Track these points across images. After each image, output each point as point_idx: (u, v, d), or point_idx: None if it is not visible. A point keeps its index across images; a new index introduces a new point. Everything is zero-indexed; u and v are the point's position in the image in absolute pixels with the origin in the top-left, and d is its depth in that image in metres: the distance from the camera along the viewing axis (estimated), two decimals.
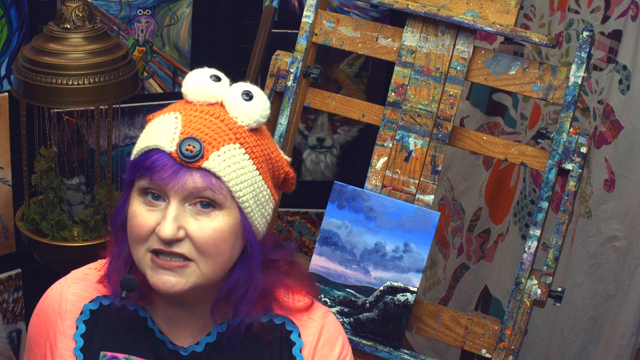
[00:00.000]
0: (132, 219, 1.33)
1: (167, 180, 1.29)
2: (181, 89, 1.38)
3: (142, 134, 1.36)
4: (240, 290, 1.38)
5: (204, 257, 1.32)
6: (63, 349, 1.42)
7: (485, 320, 1.96)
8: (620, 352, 2.48)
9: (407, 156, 2.02)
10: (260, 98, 1.37)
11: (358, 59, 3.15)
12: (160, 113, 1.37)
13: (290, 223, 3.32)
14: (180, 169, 1.29)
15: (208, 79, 1.36)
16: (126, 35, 2.88)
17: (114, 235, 1.42)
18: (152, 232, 1.31)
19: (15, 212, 2.78)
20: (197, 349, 1.42)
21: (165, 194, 1.31)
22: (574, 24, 2.66)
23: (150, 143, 1.32)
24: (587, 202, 2.58)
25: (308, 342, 1.46)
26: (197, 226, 1.31)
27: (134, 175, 1.33)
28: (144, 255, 1.33)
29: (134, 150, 1.36)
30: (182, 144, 1.29)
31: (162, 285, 1.32)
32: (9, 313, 2.92)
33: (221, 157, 1.31)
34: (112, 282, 1.41)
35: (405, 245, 1.97)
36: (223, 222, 1.32)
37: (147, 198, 1.32)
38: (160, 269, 1.32)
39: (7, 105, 2.71)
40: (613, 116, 2.47)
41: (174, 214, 1.30)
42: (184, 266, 1.32)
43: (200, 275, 1.33)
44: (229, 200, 1.32)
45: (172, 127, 1.32)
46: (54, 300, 1.46)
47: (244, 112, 1.35)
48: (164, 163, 1.29)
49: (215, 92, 1.35)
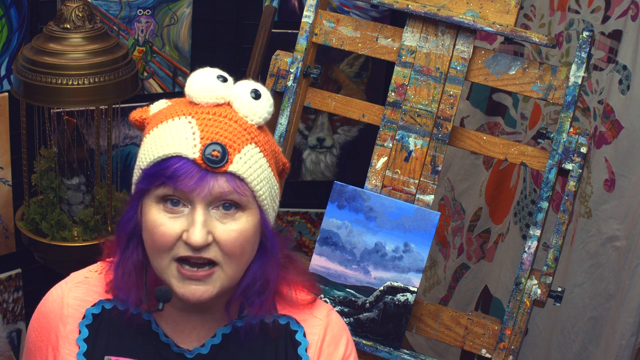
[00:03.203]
0: (153, 228, 1.31)
1: (193, 187, 1.28)
2: (185, 89, 1.36)
3: (151, 140, 1.34)
4: (256, 285, 1.38)
5: (230, 259, 1.32)
6: (66, 354, 1.41)
7: (485, 320, 1.96)
8: (620, 352, 2.48)
9: (407, 156, 2.02)
10: (266, 95, 1.37)
11: (358, 59, 3.15)
12: (164, 117, 1.35)
13: (290, 223, 3.32)
14: (205, 175, 1.28)
15: (215, 79, 1.34)
16: (126, 35, 2.88)
17: (119, 242, 1.40)
18: (178, 240, 1.30)
19: (15, 212, 2.78)
20: (202, 351, 1.42)
21: (189, 200, 1.29)
22: (574, 24, 2.65)
23: (169, 151, 1.30)
24: (587, 202, 2.58)
25: (313, 342, 1.46)
26: (224, 229, 1.30)
27: (152, 184, 1.31)
28: (168, 265, 1.32)
29: (146, 158, 1.33)
30: (206, 150, 1.28)
31: (191, 296, 1.32)
32: (9, 313, 2.92)
33: (243, 159, 1.30)
34: (122, 290, 1.39)
35: (405, 245, 1.97)
36: (247, 222, 1.32)
37: (167, 205, 1.30)
38: (187, 279, 1.31)
39: (7, 105, 2.71)
40: (613, 116, 2.47)
41: (202, 219, 1.29)
42: (210, 274, 1.32)
43: (225, 278, 1.33)
44: (251, 201, 1.32)
45: (190, 132, 1.30)
46: (54, 305, 1.44)
47: (254, 111, 1.35)
48: (188, 170, 1.28)
49: (224, 93, 1.34)
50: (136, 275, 1.38)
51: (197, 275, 1.31)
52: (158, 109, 1.40)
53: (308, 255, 2.11)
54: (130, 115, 1.41)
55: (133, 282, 1.38)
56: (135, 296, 1.39)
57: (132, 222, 1.37)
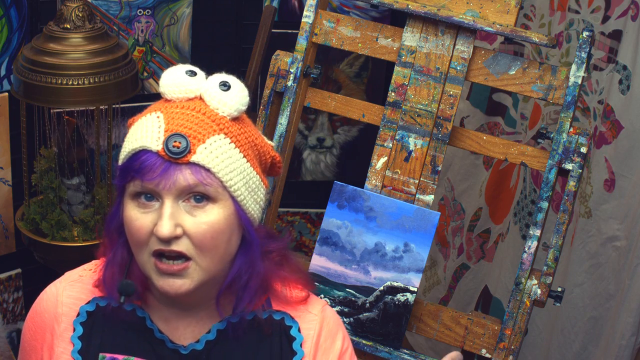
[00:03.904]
0: (129, 224, 1.33)
1: (158, 180, 1.29)
2: (159, 87, 1.37)
3: (127, 138, 1.36)
4: (242, 279, 1.39)
5: (202, 252, 1.32)
6: (61, 352, 1.42)
7: (485, 320, 1.96)
8: (620, 352, 2.48)
9: (407, 156, 2.02)
10: (238, 86, 1.38)
11: (358, 59, 3.15)
12: (141, 115, 1.37)
13: (290, 223, 3.32)
14: (169, 167, 1.29)
15: (184, 74, 1.36)
16: (126, 35, 2.88)
17: (108, 239, 1.42)
18: (151, 234, 1.31)
19: (15, 212, 2.78)
20: (197, 347, 1.42)
21: (158, 193, 1.31)
22: (574, 24, 2.65)
23: (136, 145, 1.32)
24: (587, 202, 2.58)
25: (309, 337, 1.46)
26: (193, 222, 1.31)
27: (125, 179, 1.33)
28: (147, 260, 1.33)
29: (121, 155, 1.36)
30: (167, 141, 1.29)
31: (169, 289, 1.33)
32: (9, 313, 2.92)
33: (208, 149, 1.31)
34: (108, 286, 1.41)
35: (405, 245, 1.97)
36: (218, 214, 1.32)
37: (141, 200, 1.32)
38: (165, 274, 1.33)
39: (7, 105, 2.71)
40: (613, 116, 2.47)
41: (170, 211, 1.30)
42: (185, 267, 1.32)
43: (201, 271, 1.34)
44: (221, 192, 1.32)
45: (156, 126, 1.32)
46: (49, 304, 1.45)
47: (224, 102, 1.35)
48: (152, 163, 1.30)
49: (193, 87, 1.35)
50: (120, 272, 1.40)
51: (172, 269, 1.32)
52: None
53: (308, 255, 2.11)
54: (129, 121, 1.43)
55: (117, 278, 1.39)
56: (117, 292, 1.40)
57: (116, 219, 1.39)
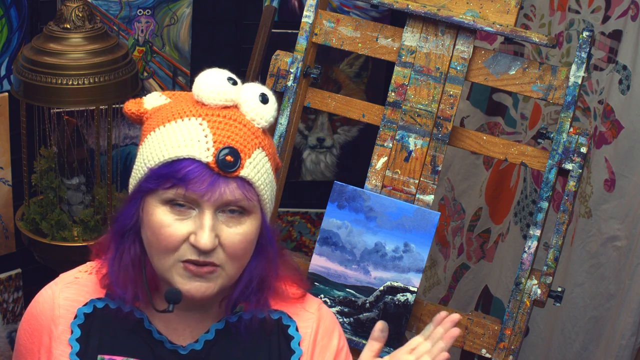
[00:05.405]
0: (158, 229, 1.31)
1: (204, 192, 1.28)
2: (194, 89, 1.35)
3: (160, 139, 1.33)
4: (254, 284, 1.39)
5: (232, 261, 1.33)
6: (59, 354, 1.40)
7: (485, 320, 1.96)
8: (620, 352, 2.48)
9: (407, 156, 2.02)
10: (272, 99, 1.38)
11: (358, 59, 3.15)
12: (170, 116, 1.34)
13: (290, 223, 3.32)
14: (217, 179, 1.29)
15: (226, 82, 1.34)
16: (126, 35, 2.88)
17: (114, 238, 1.40)
18: (184, 242, 1.31)
19: (15, 212, 2.78)
20: (196, 347, 1.42)
21: (198, 203, 1.29)
22: (575, 24, 2.65)
23: (181, 153, 1.29)
24: (587, 202, 2.58)
25: (306, 335, 1.47)
26: (229, 233, 1.31)
27: (161, 185, 1.30)
28: (173, 264, 1.32)
29: (154, 158, 1.32)
30: (219, 154, 1.28)
31: (195, 292, 1.33)
32: (9, 313, 2.92)
33: (252, 163, 1.31)
34: (121, 286, 1.39)
35: (405, 245, 1.97)
36: (251, 225, 1.33)
37: (174, 207, 1.30)
38: (194, 276, 1.32)
39: (7, 105, 2.71)
40: (613, 116, 2.47)
41: (211, 223, 1.29)
42: (213, 271, 1.33)
43: (226, 277, 1.35)
44: (255, 205, 1.33)
45: (202, 135, 1.30)
46: (45, 306, 1.43)
47: (261, 115, 1.35)
48: (200, 174, 1.28)
49: (233, 96, 1.35)
50: (134, 272, 1.38)
51: (201, 271, 1.32)
52: (156, 103, 1.39)
53: (308, 255, 2.11)
54: (125, 107, 1.40)
55: (130, 278, 1.38)
56: (132, 292, 1.39)
57: (133, 219, 1.36)
